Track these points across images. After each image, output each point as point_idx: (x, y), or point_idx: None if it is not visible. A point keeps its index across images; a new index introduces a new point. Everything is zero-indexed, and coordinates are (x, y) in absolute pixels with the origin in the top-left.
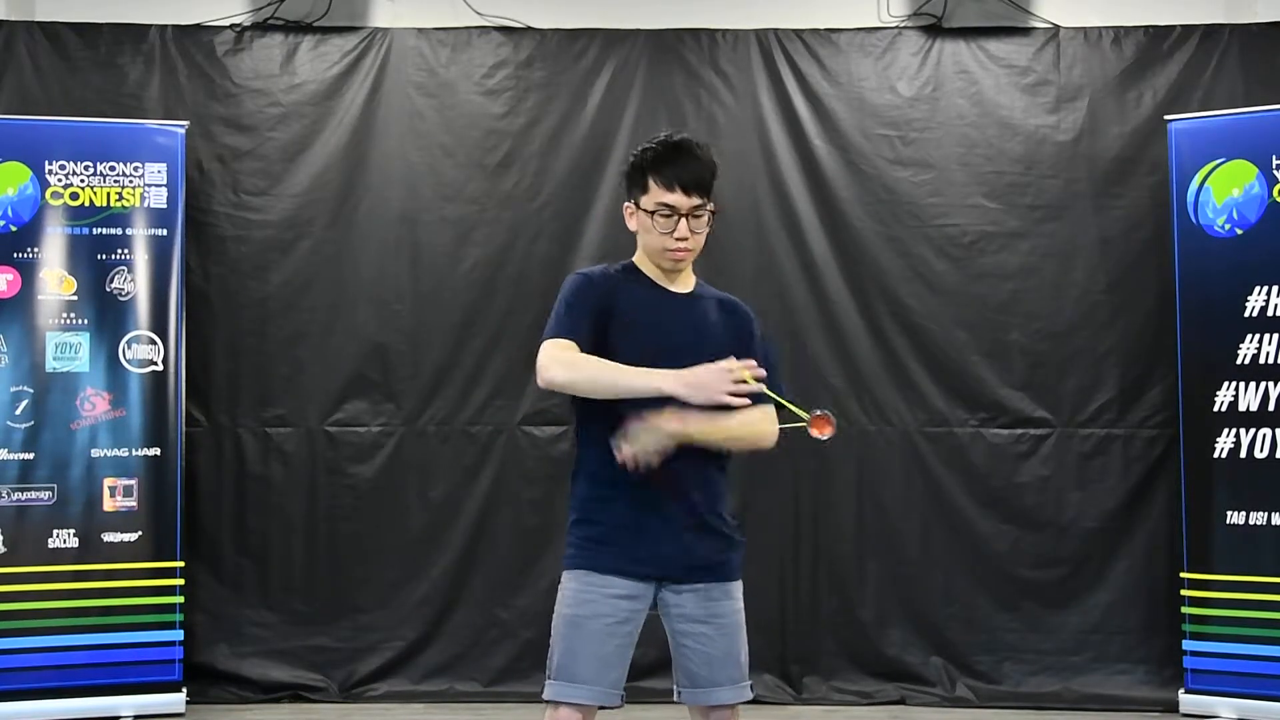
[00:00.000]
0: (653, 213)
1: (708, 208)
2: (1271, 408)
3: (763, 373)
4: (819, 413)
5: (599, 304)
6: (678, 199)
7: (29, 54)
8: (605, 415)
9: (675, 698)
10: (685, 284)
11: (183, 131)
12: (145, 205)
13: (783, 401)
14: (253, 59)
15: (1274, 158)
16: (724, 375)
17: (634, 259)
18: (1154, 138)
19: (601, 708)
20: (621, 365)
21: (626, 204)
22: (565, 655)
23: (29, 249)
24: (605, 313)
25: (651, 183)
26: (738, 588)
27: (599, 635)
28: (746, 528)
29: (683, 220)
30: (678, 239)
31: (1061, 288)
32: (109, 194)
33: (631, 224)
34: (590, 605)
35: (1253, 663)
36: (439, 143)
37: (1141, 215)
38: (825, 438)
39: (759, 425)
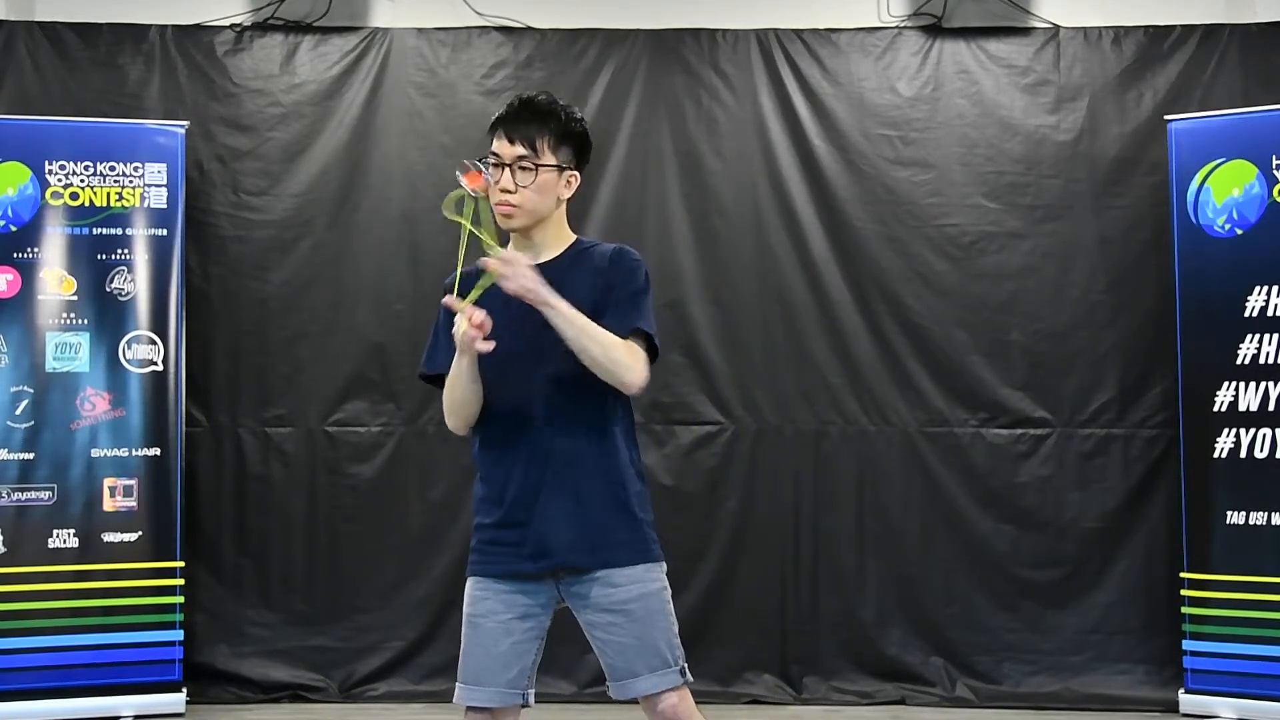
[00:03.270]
0: (486, 161)
1: (537, 161)
2: (1271, 408)
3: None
4: (469, 167)
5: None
6: (502, 146)
7: (29, 54)
8: (486, 409)
9: (607, 691)
10: (547, 252)
11: (183, 131)
12: (145, 205)
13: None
14: (253, 59)
15: (1274, 158)
16: (456, 321)
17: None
18: (1154, 138)
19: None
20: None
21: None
22: (463, 657)
23: (29, 249)
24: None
25: (491, 134)
26: (648, 569)
27: (493, 634)
28: (747, 529)
29: (507, 170)
30: (502, 189)
31: (1061, 288)
32: (109, 194)
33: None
34: (484, 603)
35: (1253, 663)
36: (439, 143)
37: (1141, 215)
38: (477, 190)
39: (617, 351)
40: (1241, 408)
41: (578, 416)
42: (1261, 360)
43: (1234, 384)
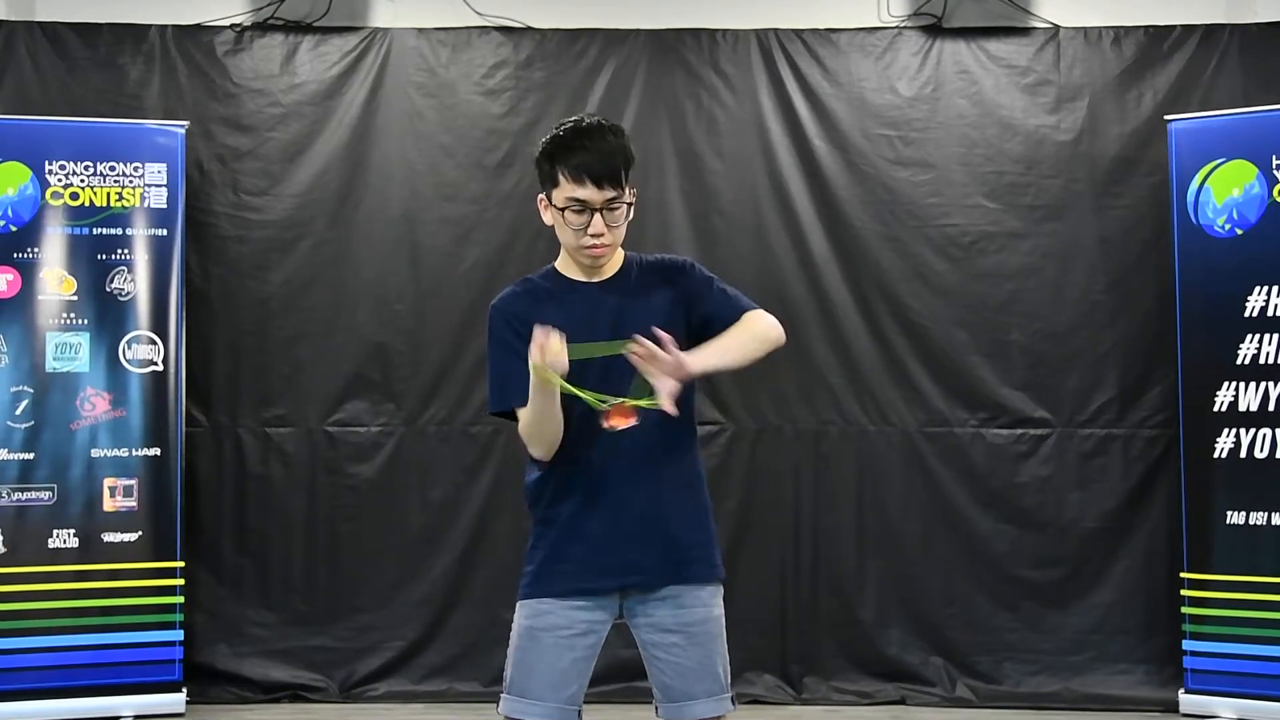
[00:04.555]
0: (564, 209)
1: (624, 199)
2: (1271, 408)
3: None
4: (616, 402)
5: (519, 330)
6: (589, 193)
7: (29, 54)
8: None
9: (655, 712)
10: (608, 271)
11: (183, 131)
12: (145, 205)
13: (577, 393)
14: (253, 59)
15: (1274, 158)
16: (548, 342)
17: (557, 262)
18: (1154, 138)
19: None
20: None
21: (540, 196)
22: (518, 668)
23: (29, 249)
24: (528, 329)
25: (561, 175)
26: (713, 592)
27: (555, 648)
28: (747, 529)
29: (596, 215)
30: (592, 235)
31: (1061, 288)
32: (109, 194)
33: (546, 218)
34: (547, 616)
35: (1253, 663)
36: (439, 143)
37: (1141, 215)
38: (617, 428)
39: (759, 326)
40: (1241, 408)
41: (655, 427)
42: (1261, 360)
43: (1234, 384)
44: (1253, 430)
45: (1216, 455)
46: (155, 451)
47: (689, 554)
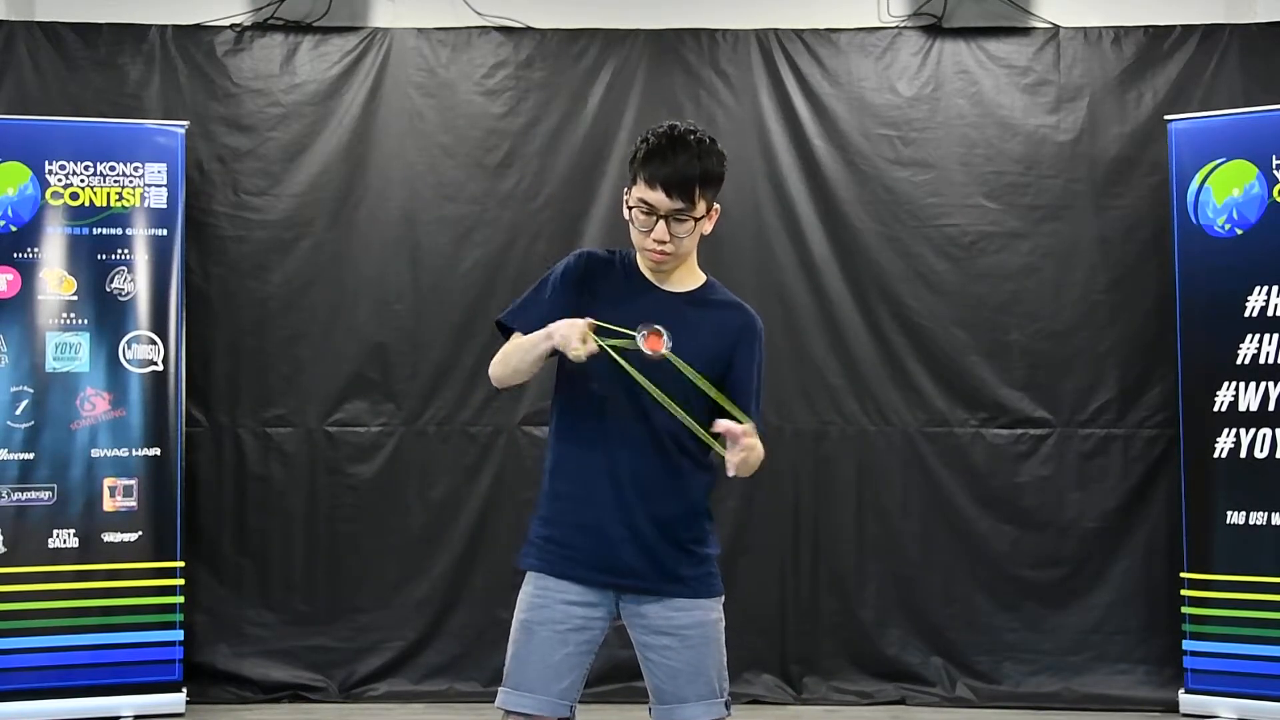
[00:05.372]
0: (633, 208)
1: (693, 214)
2: (1271, 408)
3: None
4: (646, 332)
5: (582, 285)
6: (658, 199)
7: (29, 54)
8: (584, 408)
9: (649, 714)
10: (681, 284)
11: (183, 131)
12: (145, 205)
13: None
14: (253, 59)
15: (1274, 158)
16: (577, 329)
17: (638, 255)
18: (1154, 138)
19: None
20: (524, 335)
21: (626, 191)
22: (514, 661)
23: (29, 249)
24: (589, 294)
25: (639, 176)
26: (713, 602)
27: (549, 642)
28: (747, 529)
29: (661, 222)
30: (655, 240)
31: (1061, 288)
32: (109, 194)
33: (625, 213)
34: (543, 610)
35: (1253, 663)
36: (439, 143)
37: (1141, 215)
38: (655, 354)
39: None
40: (1241, 408)
41: (676, 448)
42: (1261, 360)
43: (1234, 384)
44: (1253, 430)
45: (1216, 455)
46: (155, 451)
47: (681, 571)
